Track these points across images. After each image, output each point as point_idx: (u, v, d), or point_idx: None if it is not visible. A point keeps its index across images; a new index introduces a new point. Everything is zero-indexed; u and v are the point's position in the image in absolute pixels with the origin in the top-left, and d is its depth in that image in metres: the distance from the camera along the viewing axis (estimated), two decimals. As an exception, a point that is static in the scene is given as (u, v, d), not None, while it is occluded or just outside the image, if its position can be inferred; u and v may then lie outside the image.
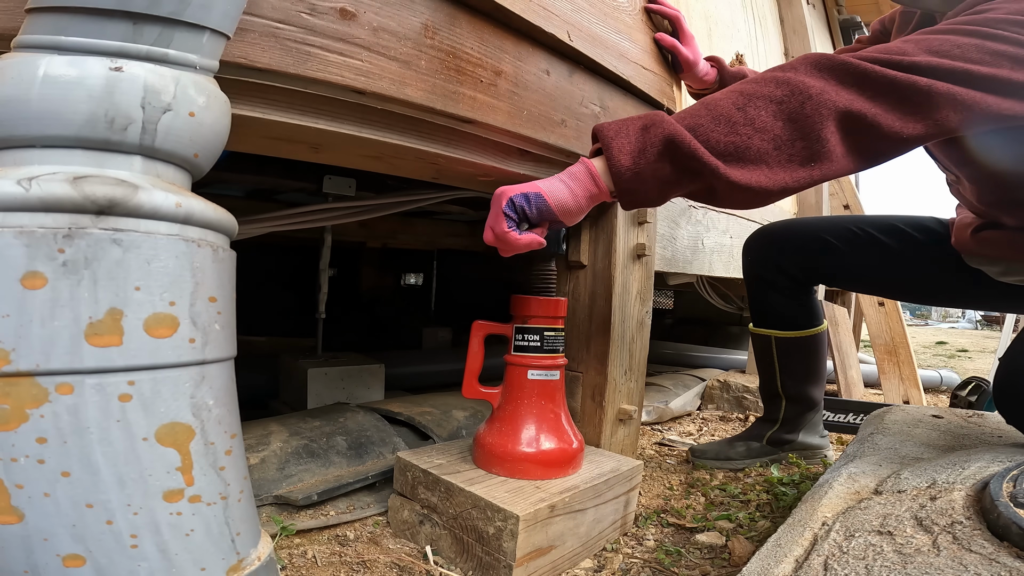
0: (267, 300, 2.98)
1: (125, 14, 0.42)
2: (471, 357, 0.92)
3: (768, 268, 1.24)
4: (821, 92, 0.68)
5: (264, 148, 0.78)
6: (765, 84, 0.70)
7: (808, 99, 0.68)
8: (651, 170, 0.71)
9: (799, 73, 0.70)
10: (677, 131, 0.69)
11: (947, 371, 2.77)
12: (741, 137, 0.68)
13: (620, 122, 0.73)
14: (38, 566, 0.38)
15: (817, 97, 0.68)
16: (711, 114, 0.70)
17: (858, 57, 0.69)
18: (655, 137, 0.70)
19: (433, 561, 0.81)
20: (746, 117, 0.69)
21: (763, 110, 0.69)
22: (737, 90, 0.71)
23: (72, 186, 0.39)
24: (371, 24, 0.66)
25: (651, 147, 0.70)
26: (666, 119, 0.70)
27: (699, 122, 0.70)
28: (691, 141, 0.68)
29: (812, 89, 0.68)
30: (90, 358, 0.39)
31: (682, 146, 0.69)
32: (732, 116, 0.69)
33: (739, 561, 0.85)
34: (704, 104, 0.71)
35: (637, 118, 0.73)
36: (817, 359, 1.28)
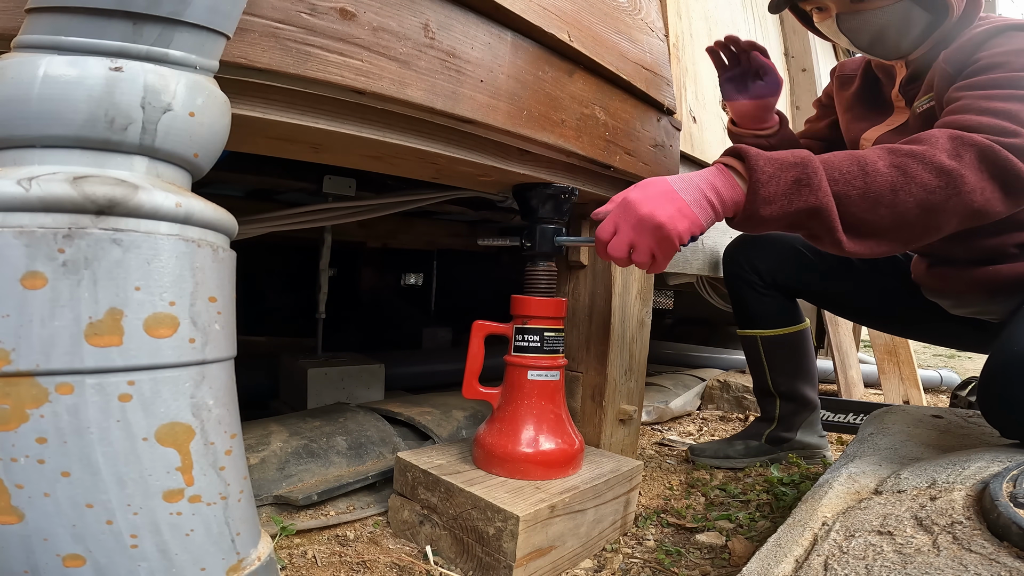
0: (267, 300, 2.98)
1: (125, 14, 0.42)
2: (471, 357, 0.92)
3: (746, 271, 1.29)
4: (971, 191, 0.70)
5: (264, 148, 0.78)
6: (929, 170, 0.70)
7: (957, 195, 0.70)
8: (784, 222, 0.73)
9: (964, 165, 0.70)
10: (826, 204, 0.70)
11: (947, 371, 2.76)
12: (878, 217, 0.71)
13: (775, 165, 0.72)
14: (38, 566, 0.38)
15: (967, 196, 0.70)
16: (865, 187, 0.70)
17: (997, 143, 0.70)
18: (803, 202, 0.71)
19: (433, 561, 0.81)
20: (895, 200, 0.70)
21: (912, 197, 0.70)
22: (901, 165, 0.71)
23: (72, 186, 0.39)
24: (371, 24, 0.66)
25: (796, 207, 0.71)
26: (818, 181, 0.70)
27: (849, 192, 0.71)
28: (834, 219, 0.71)
29: (966, 187, 0.70)
30: (90, 358, 0.39)
31: (824, 221, 0.71)
32: (882, 197, 0.70)
33: (739, 561, 0.85)
34: (862, 169, 0.71)
35: (792, 163, 0.72)
36: (803, 355, 1.32)
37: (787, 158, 0.73)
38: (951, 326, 1.11)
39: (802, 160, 0.72)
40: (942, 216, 0.71)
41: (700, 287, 2.20)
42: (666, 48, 1.18)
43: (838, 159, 0.73)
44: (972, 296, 1.00)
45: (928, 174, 0.70)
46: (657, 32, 1.15)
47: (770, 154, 0.74)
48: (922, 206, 0.70)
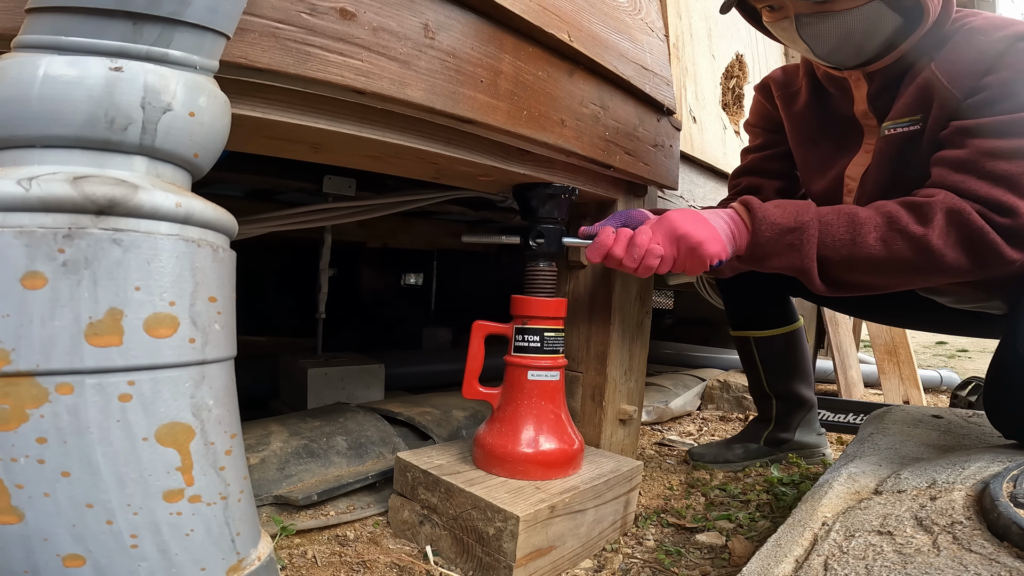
0: (267, 300, 2.98)
1: (125, 14, 0.42)
2: (471, 357, 0.92)
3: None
4: (948, 268, 0.77)
5: (264, 148, 0.78)
6: (916, 247, 0.77)
7: (933, 268, 0.77)
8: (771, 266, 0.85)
9: (949, 245, 0.76)
10: (808, 268, 0.82)
11: (947, 371, 2.76)
12: (853, 276, 0.82)
13: (775, 229, 0.83)
14: (38, 566, 0.38)
15: (942, 270, 0.77)
16: (850, 255, 0.80)
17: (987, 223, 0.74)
18: (790, 262, 0.83)
19: (433, 561, 0.81)
20: (873, 269, 0.80)
21: (890, 269, 0.79)
22: (890, 241, 0.78)
23: (72, 186, 0.39)
24: (371, 24, 0.66)
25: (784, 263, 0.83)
26: (810, 244, 0.81)
27: (833, 256, 0.81)
28: (813, 277, 0.82)
29: (943, 264, 0.76)
30: (90, 358, 0.39)
31: (805, 277, 0.83)
32: (861, 266, 0.80)
33: (739, 561, 0.85)
34: (852, 239, 0.80)
35: (789, 229, 0.82)
36: (797, 355, 1.31)
37: (787, 223, 0.82)
38: (950, 317, 1.10)
39: (801, 225, 0.82)
40: (913, 280, 0.81)
41: (700, 287, 2.20)
42: (666, 48, 1.18)
43: (837, 221, 0.81)
44: (970, 294, 0.99)
45: (912, 251, 0.77)
46: (657, 32, 1.15)
47: (773, 216, 0.83)
48: (897, 274, 0.80)
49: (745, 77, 1.88)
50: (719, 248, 0.83)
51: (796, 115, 1.08)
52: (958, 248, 0.76)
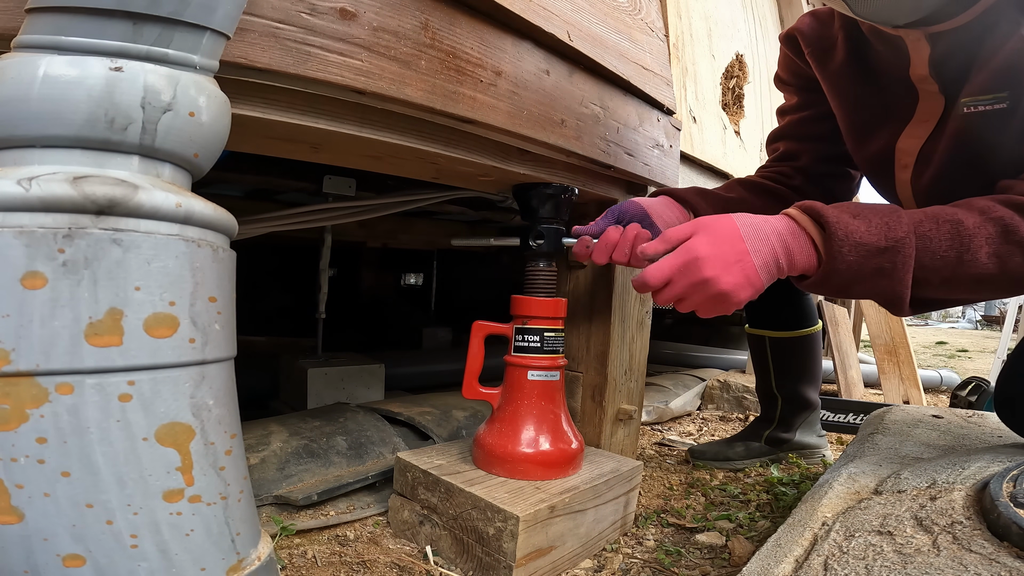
0: (267, 300, 2.98)
1: (125, 14, 0.42)
2: (471, 357, 0.92)
3: None
4: None
5: (264, 148, 0.78)
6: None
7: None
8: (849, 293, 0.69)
9: None
10: (900, 293, 0.65)
11: (947, 371, 2.77)
12: (954, 294, 0.67)
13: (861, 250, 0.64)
14: (38, 566, 0.38)
15: None
16: (952, 276, 0.65)
17: None
18: (878, 288, 0.65)
19: (433, 561, 0.81)
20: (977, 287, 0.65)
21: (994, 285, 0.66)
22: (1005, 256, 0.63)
23: (72, 186, 0.39)
24: (371, 24, 0.66)
25: (867, 289, 0.66)
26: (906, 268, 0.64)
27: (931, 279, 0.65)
28: (906, 304, 0.66)
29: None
30: (90, 358, 0.39)
31: (892, 304, 0.66)
32: (963, 284, 0.65)
33: (739, 561, 0.85)
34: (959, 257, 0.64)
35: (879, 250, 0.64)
36: (811, 359, 1.29)
37: (876, 241, 0.64)
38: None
39: (894, 244, 0.63)
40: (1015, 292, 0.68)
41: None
42: (666, 48, 1.18)
43: (938, 234, 0.64)
44: None
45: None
46: (657, 32, 1.15)
47: (858, 234, 0.64)
48: (1005, 289, 0.66)
49: (745, 77, 1.88)
50: (750, 293, 0.67)
51: (833, 75, 0.92)
52: None
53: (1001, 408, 0.80)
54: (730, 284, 0.65)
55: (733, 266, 0.65)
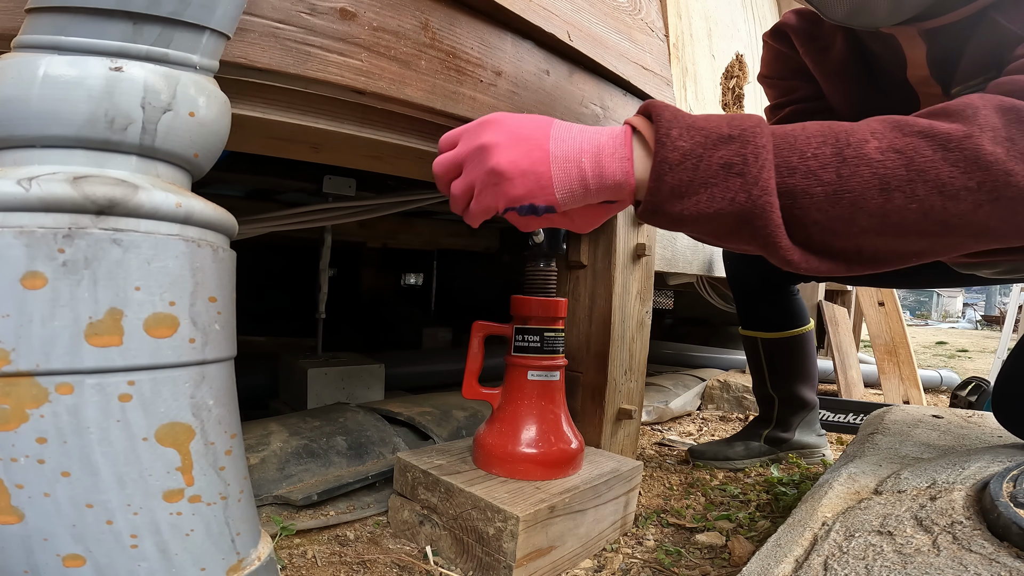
0: (267, 300, 2.98)
1: (125, 14, 0.42)
2: (471, 357, 0.92)
3: (747, 271, 1.25)
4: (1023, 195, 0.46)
5: (264, 148, 0.78)
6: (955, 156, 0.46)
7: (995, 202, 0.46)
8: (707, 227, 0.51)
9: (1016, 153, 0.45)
10: (762, 207, 0.47)
11: (947, 371, 2.77)
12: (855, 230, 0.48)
13: (698, 134, 0.50)
14: (38, 566, 0.38)
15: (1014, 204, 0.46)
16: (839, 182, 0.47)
17: None
18: (727, 200, 0.48)
19: (433, 561, 0.81)
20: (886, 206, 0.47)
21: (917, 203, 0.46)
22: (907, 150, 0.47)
23: (72, 186, 0.39)
24: (371, 24, 0.66)
25: (717, 207, 0.49)
26: (763, 160, 0.48)
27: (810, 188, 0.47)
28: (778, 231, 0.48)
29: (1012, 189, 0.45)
30: (90, 358, 0.39)
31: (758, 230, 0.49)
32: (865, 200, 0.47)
33: (739, 561, 0.85)
34: (839, 153, 0.48)
35: (724, 137, 0.49)
36: (804, 359, 1.29)
37: (718, 128, 0.49)
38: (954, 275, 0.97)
39: (743, 132, 0.49)
40: (963, 235, 0.47)
41: (700, 287, 2.20)
42: (666, 48, 1.18)
43: (805, 133, 0.49)
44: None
45: (951, 166, 0.46)
46: (657, 32, 1.15)
47: (693, 120, 0.51)
48: (932, 217, 0.46)
49: (745, 77, 1.88)
50: (527, 188, 0.52)
51: (833, 74, 0.83)
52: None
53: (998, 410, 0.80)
54: (508, 161, 0.52)
55: (521, 143, 0.53)
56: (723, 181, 0.48)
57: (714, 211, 0.49)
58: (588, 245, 1.13)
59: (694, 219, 0.50)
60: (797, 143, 0.49)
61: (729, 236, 0.51)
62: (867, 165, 0.47)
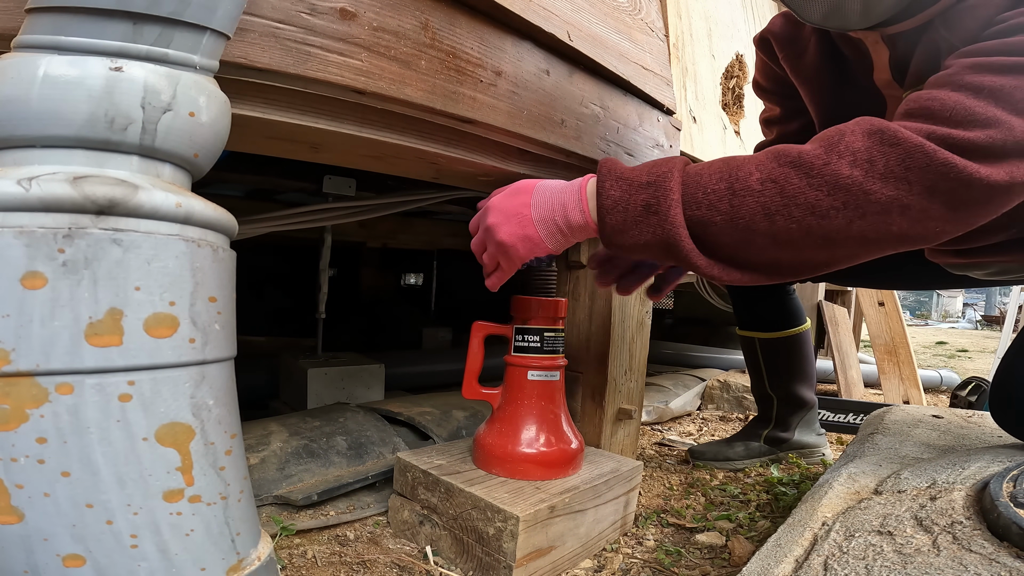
0: (267, 300, 2.98)
1: (125, 14, 0.42)
2: (471, 358, 0.92)
3: None
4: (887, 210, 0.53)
5: (264, 148, 0.78)
6: (818, 182, 0.54)
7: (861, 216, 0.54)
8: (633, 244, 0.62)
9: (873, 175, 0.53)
10: (674, 237, 0.58)
11: (947, 371, 2.77)
12: (755, 252, 0.58)
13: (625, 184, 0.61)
14: (38, 566, 0.38)
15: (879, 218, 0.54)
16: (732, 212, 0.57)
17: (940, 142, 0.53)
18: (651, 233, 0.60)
19: (433, 561, 0.81)
20: (772, 228, 0.55)
21: (796, 223, 0.55)
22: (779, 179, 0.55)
23: (72, 186, 0.39)
24: (371, 24, 0.66)
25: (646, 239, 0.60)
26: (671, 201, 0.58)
27: (711, 218, 0.57)
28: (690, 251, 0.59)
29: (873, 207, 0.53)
30: (90, 358, 0.39)
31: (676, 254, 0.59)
32: (755, 223, 0.56)
33: (739, 561, 0.85)
34: (730, 188, 0.57)
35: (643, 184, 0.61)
36: (801, 358, 1.30)
37: (640, 176, 0.61)
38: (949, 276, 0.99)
39: (657, 178, 0.60)
40: (851, 245, 0.55)
41: (700, 287, 2.20)
42: (666, 48, 1.18)
43: (709, 170, 0.59)
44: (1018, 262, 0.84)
45: (816, 191, 0.54)
46: (657, 32, 1.15)
47: (621, 170, 0.63)
48: (814, 234, 0.54)
49: (745, 77, 1.87)
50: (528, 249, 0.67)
51: (808, 78, 0.89)
52: (891, 176, 0.52)
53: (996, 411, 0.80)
54: (506, 234, 0.67)
55: (512, 218, 0.67)
56: (644, 219, 0.60)
57: (644, 242, 0.61)
58: (588, 245, 1.13)
59: (633, 248, 0.62)
60: (701, 180, 0.59)
61: (666, 260, 0.62)
62: (751, 195, 0.56)
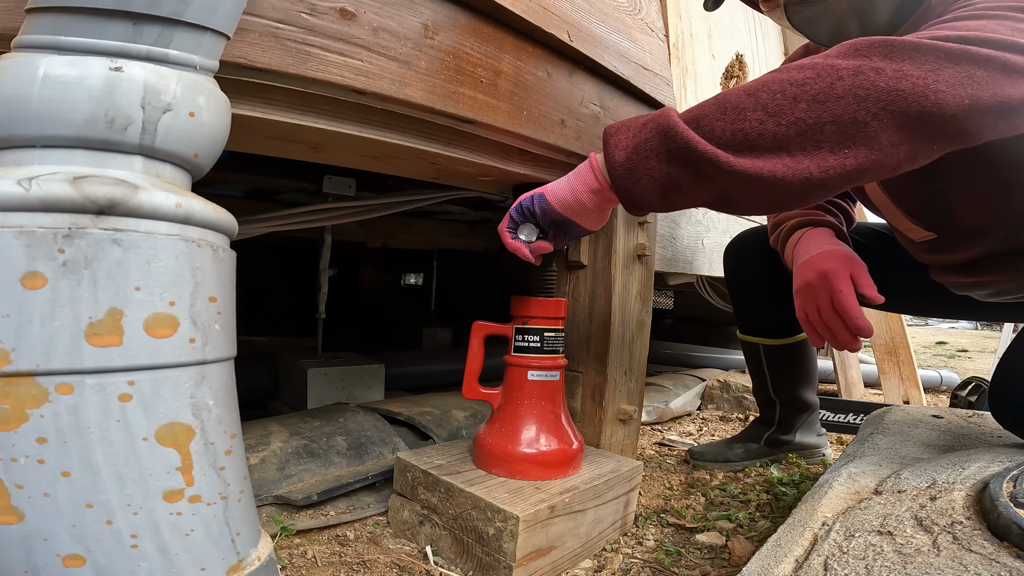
0: (267, 300, 2.98)
1: (125, 14, 0.42)
2: (471, 357, 0.92)
3: (749, 276, 1.23)
4: (857, 69, 0.58)
5: (264, 148, 0.78)
6: (785, 71, 0.61)
7: (839, 79, 0.58)
8: (645, 167, 0.64)
9: (828, 57, 0.60)
10: (674, 123, 0.62)
11: (947, 371, 2.77)
12: (750, 123, 0.60)
13: (626, 120, 0.69)
14: (38, 566, 0.38)
15: (851, 76, 0.57)
16: (718, 104, 0.62)
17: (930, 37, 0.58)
18: (651, 131, 0.64)
19: (433, 561, 0.81)
20: (757, 102, 0.60)
21: (779, 93, 0.59)
22: (759, 80, 0.63)
23: (72, 186, 0.39)
24: (371, 24, 0.66)
25: (646, 142, 0.64)
26: (669, 113, 0.64)
27: (703, 113, 0.62)
28: (686, 131, 0.61)
29: (844, 69, 0.58)
30: (90, 358, 0.39)
31: (676, 137, 0.61)
32: (741, 103, 0.60)
33: (739, 561, 0.85)
34: (714, 97, 0.65)
35: (642, 116, 0.68)
36: (806, 364, 1.29)
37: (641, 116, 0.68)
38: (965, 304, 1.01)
39: (657, 111, 0.66)
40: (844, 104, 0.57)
41: (700, 287, 2.20)
42: (666, 48, 1.18)
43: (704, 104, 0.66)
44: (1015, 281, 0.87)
45: (788, 72, 0.60)
46: (657, 32, 1.15)
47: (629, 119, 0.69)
48: (801, 98, 0.58)
49: (745, 77, 1.87)
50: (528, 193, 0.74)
51: None
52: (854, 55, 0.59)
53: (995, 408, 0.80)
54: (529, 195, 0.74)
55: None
56: (643, 125, 0.66)
57: (643, 141, 0.65)
58: (588, 245, 1.13)
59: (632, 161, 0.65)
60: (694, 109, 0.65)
61: (677, 171, 0.64)
62: (733, 92, 0.63)
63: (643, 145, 0.65)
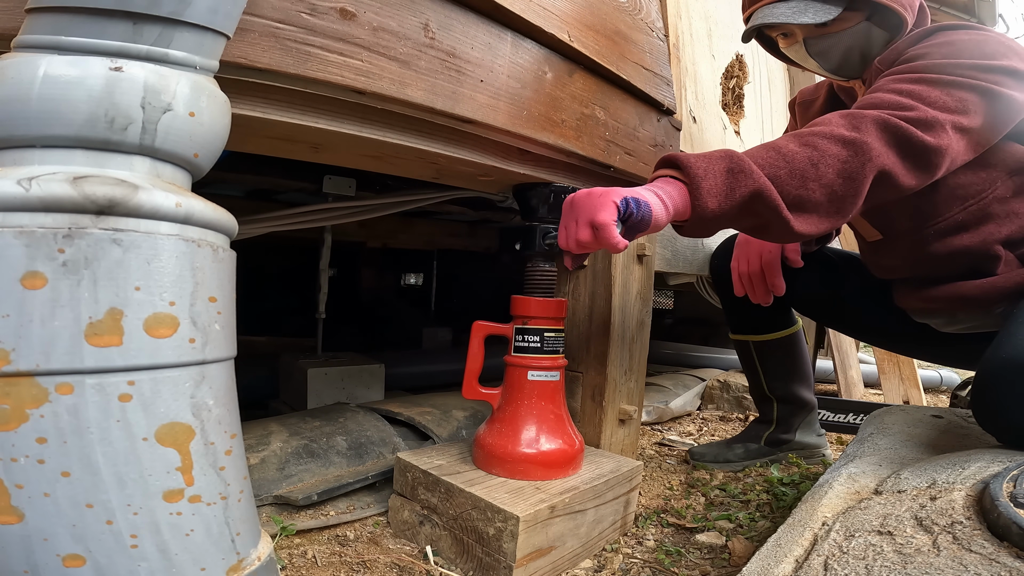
0: (267, 300, 2.98)
1: (125, 14, 0.42)
2: (471, 358, 0.92)
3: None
4: (879, 155, 0.75)
5: (264, 148, 0.78)
6: (835, 142, 0.75)
7: (868, 160, 0.74)
8: (732, 215, 0.74)
9: (867, 134, 0.75)
10: (764, 185, 0.72)
11: (947, 371, 2.76)
12: (809, 192, 0.74)
13: (704, 160, 0.74)
14: (38, 566, 0.38)
15: (876, 159, 0.75)
16: (788, 167, 0.74)
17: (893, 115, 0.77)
18: (743, 188, 0.72)
19: (433, 561, 0.81)
20: (817, 173, 0.74)
21: (831, 168, 0.74)
22: (810, 143, 0.76)
23: (72, 186, 0.39)
24: (371, 24, 0.66)
25: (738, 195, 0.72)
26: (749, 166, 0.73)
27: (778, 174, 0.74)
28: (776, 198, 0.73)
29: (872, 151, 0.75)
30: (90, 358, 0.39)
31: (768, 201, 0.73)
32: (806, 172, 0.74)
33: (739, 561, 0.85)
34: (779, 153, 0.75)
35: (719, 157, 0.74)
36: (797, 358, 1.31)
37: (712, 154, 0.76)
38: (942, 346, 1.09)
39: (727, 153, 0.75)
40: (861, 182, 0.75)
41: (700, 287, 2.20)
42: (666, 48, 1.18)
43: (752, 151, 0.77)
44: (965, 313, 0.97)
45: (835, 146, 0.75)
46: (657, 32, 1.15)
47: (695, 154, 0.77)
48: (842, 174, 0.75)
49: (745, 77, 1.87)
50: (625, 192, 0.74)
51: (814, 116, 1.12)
52: (873, 134, 0.76)
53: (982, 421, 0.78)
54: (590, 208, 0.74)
55: (597, 199, 0.74)
56: (734, 179, 0.73)
57: (738, 198, 0.73)
58: (588, 245, 1.13)
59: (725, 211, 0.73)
60: (753, 155, 0.76)
61: (747, 217, 0.75)
62: (797, 154, 0.75)
63: (733, 196, 0.73)
